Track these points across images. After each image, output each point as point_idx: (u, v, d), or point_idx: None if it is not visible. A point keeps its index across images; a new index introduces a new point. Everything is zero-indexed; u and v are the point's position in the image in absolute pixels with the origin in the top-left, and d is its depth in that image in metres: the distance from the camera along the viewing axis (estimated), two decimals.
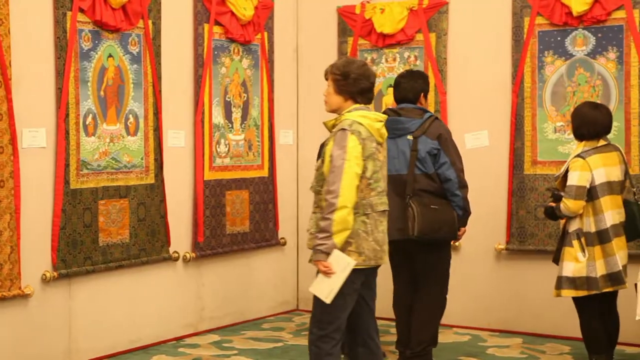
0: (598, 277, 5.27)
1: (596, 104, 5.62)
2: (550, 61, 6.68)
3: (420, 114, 5.52)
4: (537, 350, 6.31)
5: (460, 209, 5.47)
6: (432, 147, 5.41)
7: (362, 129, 4.36)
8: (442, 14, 7.10)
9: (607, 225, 5.28)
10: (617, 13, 6.41)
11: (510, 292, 6.83)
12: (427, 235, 5.35)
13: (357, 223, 4.36)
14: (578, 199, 5.26)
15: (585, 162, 5.29)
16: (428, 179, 5.43)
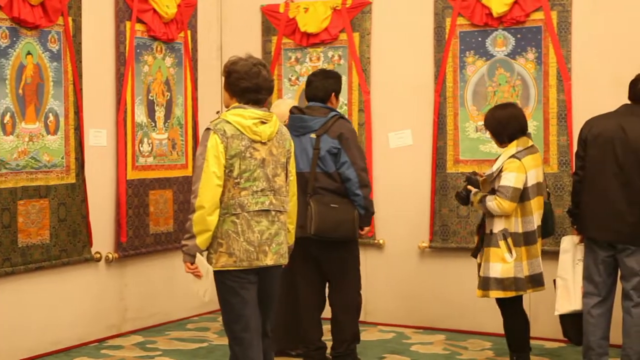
0: (524, 277, 5.32)
1: (503, 104, 5.73)
2: (472, 61, 6.78)
3: (325, 113, 5.53)
4: (459, 346, 6.40)
5: (362, 208, 5.47)
6: (332, 146, 5.43)
7: (229, 127, 4.30)
8: (366, 13, 7.15)
9: (534, 227, 5.34)
10: (536, 14, 6.54)
11: (434, 290, 6.91)
12: (324, 234, 5.37)
13: (227, 224, 4.31)
14: (513, 201, 5.27)
15: (521, 164, 5.29)
16: (329, 177, 5.45)
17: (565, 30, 6.44)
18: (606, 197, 5.22)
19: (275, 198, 4.42)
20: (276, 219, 4.42)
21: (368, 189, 5.52)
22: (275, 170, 4.42)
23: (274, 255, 4.41)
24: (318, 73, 5.79)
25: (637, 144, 5.12)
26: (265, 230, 4.37)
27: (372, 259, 7.03)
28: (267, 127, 4.38)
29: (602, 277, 5.32)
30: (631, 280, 5.22)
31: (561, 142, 6.45)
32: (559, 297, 5.51)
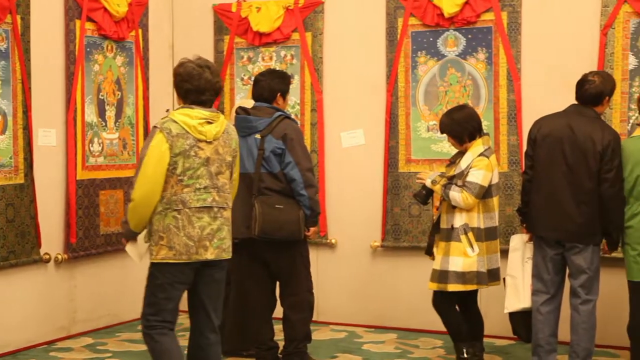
0: (485, 272, 5.43)
1: (456, 107, 5.79)
2: (423, 61, 6.82)
3: (271, 113, 5.50)
4: (410, 345, 6.43)
5: (307, 208, 5.45)
6: (276, 146, 5.40)
7: (175, 126, 4.43)
8: (318, 13, 7.15)
9: (496, 223, 5.50)
10: (486, 15, 6.59)
11: (386, 289, 6.94)
12: (269, 234, 5.36)
13: (169, 218, 4.46)
14: (478, 198, 5.37)
15: (489, 162, 5.40)
16: (274, 178, 5.43)
17: (515, 31, 6.50)
18: (555, 196, 5.28)
19: (218, 195, 4.57)
20: (219, 215, 4.57)
21: (314, 189, 5.50)
22: (219, 168, 4.56)
23: (215, 250, 4.55)
24: (265, 73, 5.76)
25: (586, 144, 5.18)
26: (207, 226, 4.52)
27: (324, 258, 7.04)
28: (212, 127, 4.51)
29: (550, 275, 5.38)
30: (579, 277, 5.28)
31: (511, 142, 6.51)
32: (509, 295, 5.55)
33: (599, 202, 5.18)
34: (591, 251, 5.25)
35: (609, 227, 5.24)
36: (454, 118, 5.53)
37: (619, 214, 5.19)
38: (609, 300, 5.86)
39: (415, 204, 6.59)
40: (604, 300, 5.58)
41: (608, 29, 6.20)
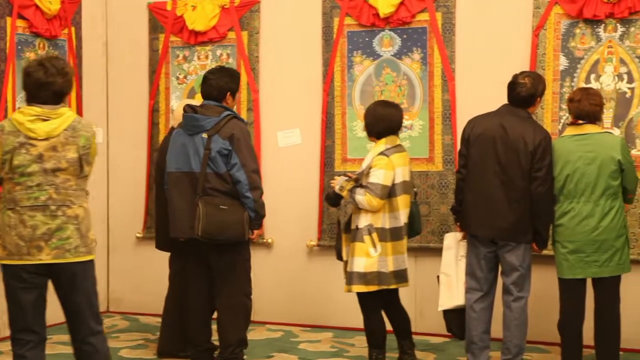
0: (389, 272, 5.38)
1: (387, 101, 5.71)
2: (359, 61, 6.84)
3: (219, 112, 5.40)
4: (346, 343, 6.45)
5: (252, 211, 5.36)
6: (222, 147, 5.30)
7: (8, 124, 4.39)
8: (254, 12, 7.13)
9: (402, 223, 5.41)
10: (421, 15, 6.64)
11: (322, 288, 6.94)
12: (211, 236, 5.27)
13: (5, 217, 4.37)
14: (382, 198, 5.34)
15: (389, 161, 5.35)
16: (220, 178, 5.33)
17: (450, 32, 6.56)
18: (488, 195, 5.34)
19: (57, 193, 4.38)
20: (59, 213, 4.38)
21: (259, 191, 5.41)
22: (57, 165, 4.37)
23: (53, 251, 4.36)
24: (215, 71, 5.63)
25: (518, 144, 5.25)
26: (41, 226, 4.34)
27: (260, 258, 7.01)
28: (46, 124, 4.37)
29: (484, 273, 5.44)
30: (511, 275, 5.35)
31: (446, 141, 6.57)
32: (443, 292, 5.60)
33: (530, 200, 5.26)
34: (523, 249, 5.33)
35: (539, 225, 5.31)
36: (376, 111, 5.50)
37: (548, 213, 5.27)
38: (540, 297, 5.95)
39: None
40: (536, 298, 5.66)
41: (540, 30, 6.29)
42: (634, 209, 6.01)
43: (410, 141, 6.57)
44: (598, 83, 6.16)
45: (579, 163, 5.19)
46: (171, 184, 5.48)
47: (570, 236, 5.20)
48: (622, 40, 6.12)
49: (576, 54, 6.24)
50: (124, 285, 7.63)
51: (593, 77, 6.19)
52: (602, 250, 5.15)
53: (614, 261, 5.16)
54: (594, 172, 5.15)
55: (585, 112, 5.24)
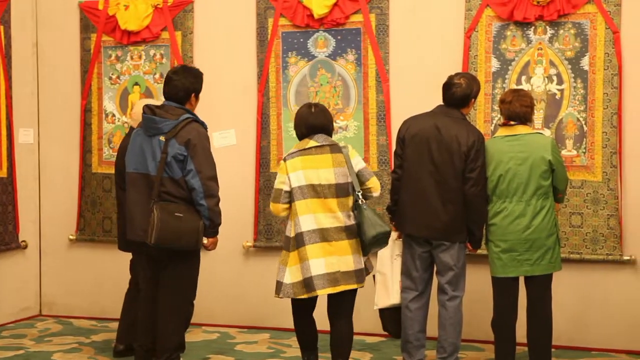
0: (288, 283, 5.13)
1: (313, 104, 5.42)
2: (294, 62, 6.85)
3: (178, 115, 5.21)
4: (283, 344, 6.46)
5: (207, 219, 5.23)
6: (178, 152, 5.12)
7: None
8: (188, 12, 7.08)
9: (302, 229, 5.10)
10: (355, 17, 6.68)
11: (258, 289, 6.93)
12: (165, 244, 5.11)
13: None
14: (275, 202, 5.22)
15: (284, 165, 5.22)
16: (175, 184, 5.17)
17: (384, 33, 6.61)
18: (422, 195, 5.39)
19: None
20: None
21: (215, 199, 5.25)
22: None
23: None
24: (178, 71, 5.40)
25: (451, 144, 5.32)
26: None
27: None
28: None
29: (419, 272, 5.49)
30: (446, 274, 5.42)
31: (380, 142, 6.62)
32: (378, 291, 5.63)
33: (463, 201, 5.33)
34: (457, 248, 5.40)
35: (472, 226, 5.38)
36: (300, 113, 5.35)
37: (481, 213, 5.35)
38: (474, 296, 6.03)
39: None
40: (470, 296, 5.74)
41: (472, 32, 6.38)
42: (564, 209, 6.14)
43: (345, 142, 6.58)
44: (529, 84, 6.27)
45: (511, 163, 5.27)
46: (129, 184, 5.34)
47: (503, 235, 5.28)
48: (551, 42, 6.24)
49: (507, 55, 6.34)
50: (56, 288, 7.51)
51: (524, 79, 6.29)
52: (534, 249, 5.24)
53: (546, 260, 5.26)
54: (525, 172, 5.24)
55: (517, 114, 5.33)
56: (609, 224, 6.09)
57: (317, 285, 5.07)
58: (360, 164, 5.25)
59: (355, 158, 5.24)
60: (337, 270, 5.11)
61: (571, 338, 6.20)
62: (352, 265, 5.15)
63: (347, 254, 5.14)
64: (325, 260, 5.10)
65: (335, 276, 5.10)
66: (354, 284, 5.15)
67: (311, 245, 5.10)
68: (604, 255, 6.12)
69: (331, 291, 5.11)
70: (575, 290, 6.21)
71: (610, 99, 6.08)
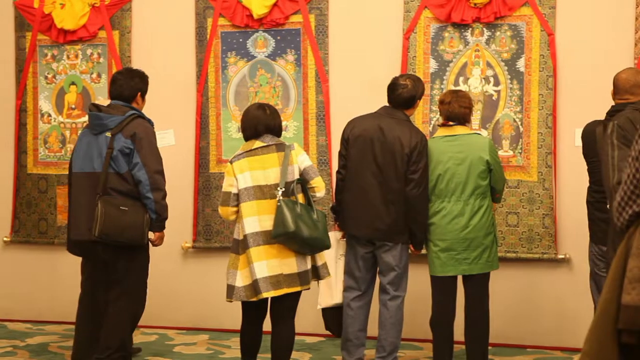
0: (240, 286, 5.07)
1: (261, 104, 5.34)
2: (233, 62, 6.83)
3: (124, 112, 5.30)
4: (222, 345, 6.43)
5: (153, 212, 5.25)
6: (124, 145, 5.19)
7: None
8: (126, 11, 7.02)
9: (247, 232, 5.04)
10: (295, 17, 6.69)
11: (198, 290, 6.90)
12: (109, 237, 5.12)
13: None
14: (223, 205, 5.17)
15: (230, 167, 5.18)
16: (121, 178, 5.21)
17: (323, 33, 6.63)
18: (365, 196, 5.41)
19: None
20: None
21: (161, 193, 5.28)
22: None
23: None
24: (124, 71, 5.56)
25: (394, 146, 5.35)
26: None
27: None
28: None
29: (361, 273, 5.51)
30: (388, 275, 5.45)
31: (320, 142, 6.64)
32: (321, 291, 5.64)
33: (405, 202, 5.36)
34: (400, 249, 5.43)
35: (414, 227, 5.40)
36: (246, 113, 5.31)
37: (423, 215, 5.39)
38: (413, 295, 6.07)
39: None
40: (409, 295, 5.78)
41: (410, 34, 6.44)
42: (501, 208, 6.23)
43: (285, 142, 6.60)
44: (466, 85, 6.35)
45: (449, 163, 5.33)
46: (74, 185, 5.35)
47: (442, 235, 5.34)
48: (488, 44, 6.33)
49: (445, 57, 6.41)
50: None
51: (462, 80, 6.37)
52: (471, 248, 5.30)
53: (483, 259, 5.32)
54: (464, 172, 5.30)
55: (455, 114, 5.39)
56: (544, 223, 6.20)
57: (262, 288, 5.02)
58: (305, 162, 5.19)
59: (300, 156, 5.20)
60: (280, 272, 5.06)
61: (507, 336, 6.29)
62: (296, 267, 5.09)
63: (290, 257, 5.08)
64: (268, 262, 5.05)
65: (278, 279, 5.05)
66: (297, 287, 5.10)
67: (255, 247, 5.05)
68: (540, 253, 6.23)
69: (274, 294, 5.06)
70: (512, 289, 6.31)
71: (545, 100, 6.19)
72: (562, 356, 6.11)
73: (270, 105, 5.36)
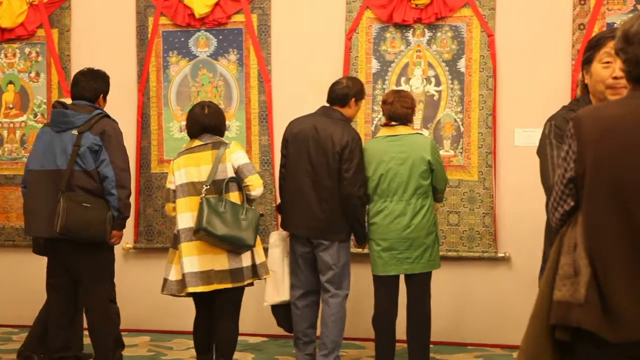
0: (173, 280, 5.14)
1: (203, 103, 5.38)
2: (175, 61, 6.78)
3: (90, 111, 5.31)
4: (164, 347, 6.39)
5: (115, 210, 5.23)
6: (94, 142, 5.18)
7: None
8: (65, 9, 6.92)
9: (180, 227, 5.12)
10: (237, 17, 6.66)
11: (139, 291, 6.83)
12: (71, 233, 5.09)
13: None
14: (166, 202, 5.27)
15: (172, 164, 5.27)
16: (87, 176, 5.19)
17: (265, 33, 6.62)
18: (301, 194, 5.45)
19: None
20: None
21: (126, 191, 5.27)
22: None
23: None
24: (86, 73, 5.49)
25: (326, 144, 5.39)
26: None
27: None
28: None
29: (304, 271, 5.54)
30: (327, 273, 5.47)
31: (263, 142, 6.62)
32: (268, 288, 5.62)
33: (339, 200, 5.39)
34: (337, 248, 5.45)
35: (351, 223, 5.46)
36: (189, 113, 5.36)
37: (358, 212, 5.43)
38: (357, 294, 6.10)
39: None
40: (353, 295, 5.80)
41: (352, 34, 6.46)
42: (442, 208, 6.28)
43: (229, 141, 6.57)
44: (408, 86, 6.39)
45: (391, 163, 5.36)
46: (33, 182, 5.29)
47: (384, 234, 5.36)
48: (429, 44, 6.38)
49: (387, 57, 6.44)
50: None
51: (403, 80, 6.41)
52: (413, 248, 5.34)
53: (425, 258, 5.36)
54: (405, 172, 5.34)
55: (398, 114, 5.43)
56: (485, 222, 6.27)
57: (189, 283, 5.06)
58: (240, 160, 5.19)
59: (235, 154, 5.19)
60: (211, 268, 5.09)
61: (449, 334, 6.35)
62: (227, 264, 5.11)
63: (222, 253, 5.11)
64: (199, 258, 5.08)
65: (209, 274, 5.08)
66: (228, 283, 5.11)
67: (186, 243, 5.10)
68: (480, 252, 6.30)
69: (203, 289, 5.08)
70: (453, 287, 6.36)
71: (485, 100, 6.26)
72: (502, 353, 6.18)
73: (212, 104, 5.38)
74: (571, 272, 2.73)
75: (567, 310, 2.71)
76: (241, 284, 5.16)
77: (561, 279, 2.75)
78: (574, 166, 2.79)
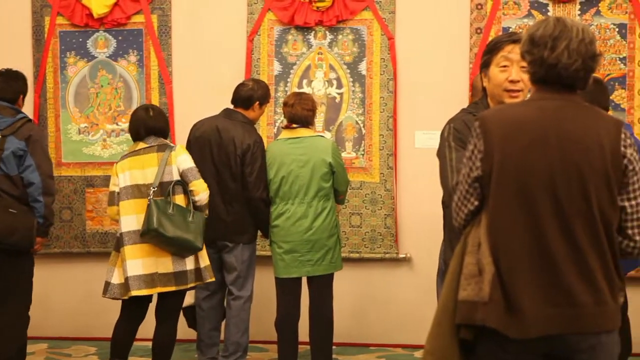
0: (115, 283, 5.06)
1: (146, 106, 5.36)
2: (73, 62, 6.65)
3: (14, 114, 5.19)
4: (62, 354, 6.26)
5: (41, 217, 5.12)
6: (18, 147, 5.06)
7: None
8: None
9: (123, 230, 5.03)
10: (137, 17, 6.57)
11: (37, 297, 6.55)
12: None
13: None
14: (109, 205, 5.17)
15: (115, 167, 5.20)
16: (10, 181, 5.06)
17: (166, 34, 6.55)
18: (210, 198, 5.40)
19: None
20: None
21: (52, 198, 5.18)
22: None
23: None
24: (4, 73, 5.37)
25: (228, 147, 5.39)
26: None
27: None
28: None
29: None
30: (230, 275, 5.48)
31: None
32: None
33: (243, 202, 5.39)
34: (241, 249, 5.45)
35: (260, 226, 5.50)
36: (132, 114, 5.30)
37: (263, 214, 5.44)
38: (260, 297, 6.08)
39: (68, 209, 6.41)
40: (256, 297, 5.78)
41: (254, 36, 6.44)
42: (344, 209, 6.33)
43: (127, 145, 6.47)
44: (310, 88, 6.41)
45: (293, 166, 5.37)
46: None
47: (286, 237, 5.37)
48: (331, 47, 6.42)
49: (289, 59, 6.45)
50: None
51: (305, 82, 6.43)
52: (315, 250, 5.36)
53: (327, 260, 5.39)
54: (307, 175, 5.35)
55: (299, 117, 5.44)
56: (386, 224, 6.34)
57: (132, 286, 4.97)
58: (185, 164, 5.13)
59: (180, 157, 5.13)
60: (155, 271, 5.01)
61: (351, 335, 6.39)
62: (171, 267, 5.03)
63: (167, 256, 5.03)
64: (143, 261, 5.00)
65: (153, 277, 5.00)
66: (172, 286, 5.03)
67: (130, 245, 5.00)
68: (382, 253, 6.36)
69: (147, 292, 5.01)
70: (355, 288, 6.41)
71: (386, 102, 6.32)
72: (404, 353, 6.26)
73: (156, 107, 5.37)
74: (475, 272, 2.77)
75: (473, 310, 2.75)
76: (185, 287, 5.09)
77: (466, 278, 2.79)
78: (480, 165, 2.83)
